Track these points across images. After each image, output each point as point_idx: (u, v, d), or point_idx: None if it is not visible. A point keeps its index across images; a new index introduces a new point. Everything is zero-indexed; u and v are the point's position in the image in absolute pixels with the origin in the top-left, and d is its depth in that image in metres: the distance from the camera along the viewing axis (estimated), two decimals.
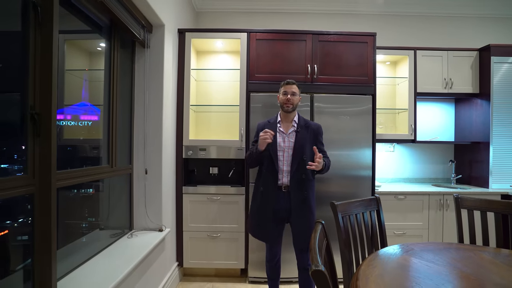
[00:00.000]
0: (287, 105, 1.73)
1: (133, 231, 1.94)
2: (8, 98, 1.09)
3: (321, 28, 2.86)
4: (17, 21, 1.07)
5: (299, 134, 1.73)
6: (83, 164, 1.69)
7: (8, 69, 1.10)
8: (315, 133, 1.77)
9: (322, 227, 1.04)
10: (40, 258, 1.10)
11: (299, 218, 1.72)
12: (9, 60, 1.10)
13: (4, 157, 1.08)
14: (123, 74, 1.86)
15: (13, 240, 1.18)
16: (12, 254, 1.16)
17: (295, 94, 1.74)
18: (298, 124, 1.76)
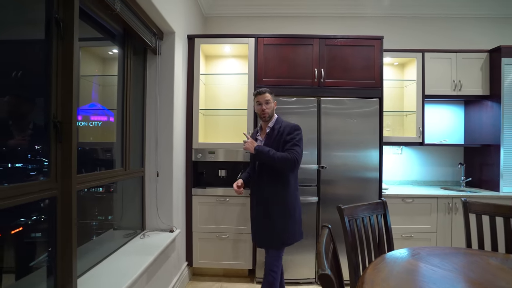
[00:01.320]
0: (263, 115, 1.75)
1: (145, 232, 2.01)
2: (34, 107, 1.16)
3: (328, 31, 2.88)
4: (42, 33, 1.14)
5: (268, 136, 1.75)
6: (97, 167, 1.77)
7: (34, 78, 1.17)
8: (284, 133, 1.71)
9: (328, 231, 1.07)
10: (61, 256, 1.17)
11: (254, 217, 1.79)
12: (34, 69, 1.17)
13: (31, 161, 1.15)
14: (136, 80, 1.93)
15: (36, 238, 1.25)
16: (37, 251, 1.24)
17: (269, 102, 1.76)
18: (272, 128, 1.77)
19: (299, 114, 2.25)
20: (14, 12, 1.13)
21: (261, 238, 1.75)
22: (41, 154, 1.15)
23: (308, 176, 2.25)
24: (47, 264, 1.20)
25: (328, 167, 2.25)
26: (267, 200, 1.72)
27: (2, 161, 1.07)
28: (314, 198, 2.25)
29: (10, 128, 1.11)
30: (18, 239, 1.23)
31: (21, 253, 1.24)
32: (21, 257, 1.26)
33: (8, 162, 1.10)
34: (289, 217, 1.71)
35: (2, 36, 1.09)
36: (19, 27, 1.16)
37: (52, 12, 1.13)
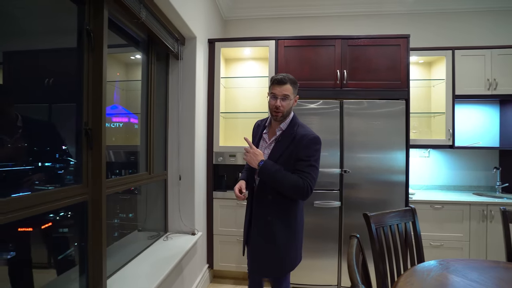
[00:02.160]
0: (276, 113, 1.34)
1: (168, 234, 2.05)
2: (68, 116, 1.22)
3: (349, 30, 2.80)
4: (75, 43, 1.20)
5: (278, 144, 1.36)
6: (122, 170, 1.82)
7: (68, 86, 1.22)
8: (297, 145, 1.31)
9: (357, 241, 1.03)
10: (92, 257, 1.22)
11: (255, 241, 1.41)
12: (69, 78, 1.22)
13: (65, 167, 1.20)
14: (159, 85, 1.97)
15: (69, 240, 1.31)
16: (70, 252, 1.30)
17: (287, 97, 1.32)
18: (283, 133, 1.37)
19: (320, 114, 2.21)
20: (49, 23, 1.19)
21: (262, 267, 1.40)
22: (74, 159, 1.20)
23: (330, 179, 2.20)
24: (79, 264, 1.25)
25: (351, 170, 2.18)
26: (271, 221, 1.35)
27: (41, 167, 1.13)
28: (336, 203, 2.19)
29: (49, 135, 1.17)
30: (53, 239, 1.29)
31: (56, 253, 1.30)
32: (56, 256, 1.32)
33: (46, 168, 1.16)
34: (294, 240, 1.40)
35: (41, 45, 1.15)
36: (54, 36, 1.22)
37: (84, 23, 1.18)
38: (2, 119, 1.06)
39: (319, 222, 2.21)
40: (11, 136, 1.08)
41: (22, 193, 1.02)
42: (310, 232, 2.21)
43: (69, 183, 1.18)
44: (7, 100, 1.08)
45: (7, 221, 0.85)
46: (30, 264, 1.19)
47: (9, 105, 1.09)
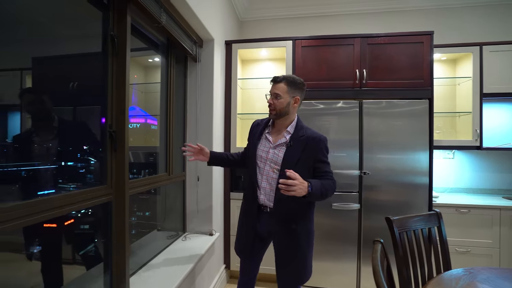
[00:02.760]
0: (270, 110, 1.37)
1: (186, 234, 2.08)
2: (93, 118, 1.27)
3: (368, 29, 2.73)
4: (100, 48, 1.24)
5: (291, 149, 1.33)
6: (141, 170, 1.87)
7: (93, 89, 1.27)
8: (312, 149, 1.33)
9: (381, 246, 1.00)
10: (116, 255, 1.25)
11: (282, 253, 1.37)
12: (95, 82, 1.27)
13: (92, 168, 1.25)
14: (177, 87, 2.01)
15: (95, 238, 1.36)
16: (95, 250, 1.35)
17: (279, 96, 1.33)
18: (292, 136, 1.36)
19: (338, 114, 2.16)
20: (76, 29, 1.24)
21: (284, 274, 1.39)
22: (99, 161, 1.25)
23: (348, 181, 2.15)
24: (104, 261, 1.29)
25: (371, 172, 2.12)
26: (297, 229, 1.34)
27: (69, 168, 1.18)
28: (355, 205, 2.14)
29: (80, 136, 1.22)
30: (80, 237, 1.34)
31: (83, 250, 1.35)
32: (83, 253, 1.37)
33: (73, 169, 1.21)
34: (312, 246, 1.42)
35: (68, 50, 1.20)
36: (80, 42, 1.27)
37: (108, 29, 1.22)
38: (42, 120, 1.13)
39: (337, 224, 2.17)
40: (48, 137, 1.14)
41: (50, 191, 1.06)
42: (328, 234, 2.18)
43: (96, 184, 1.23)
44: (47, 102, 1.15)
45: (37, 221, 0.89)
46: (60, 260, 1.25)
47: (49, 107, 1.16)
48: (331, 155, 2.15)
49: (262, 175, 1.38)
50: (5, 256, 1.22)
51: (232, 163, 1.62)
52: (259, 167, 1.40)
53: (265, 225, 1.40)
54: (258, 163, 1.40)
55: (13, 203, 0.83)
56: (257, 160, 1.40)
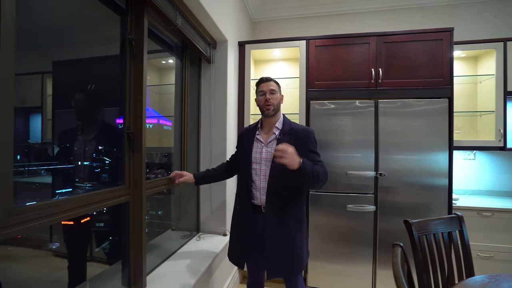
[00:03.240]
0: (267, 107, 1.39)
1: (200, 234, 2.10)
2: (110, 120, 1.30)
3: (384, 26, 2.67)
4: (118, 51, 1.27)
5: (281, 142, 1.34)
6: (156, 170, 1.90)
7: (112, 92, 1.30)
8: (302, 140, 1.37)
9: (401, 251, 0.97)
10: (134, 255, 1.28)
11: (273, 243, 1.36)
12: (113, 83, 1.30)
13: (111, 169, 1.28)
14: (192, 88, 2.03)
15: (114, 237, 1.39)
16: (114, 248, 1.38)
17: (275, 92, 1.40)
18: (281, 131, 1.41)
19: (353, 114, 2.12)
20: (96, 33, 1.27)
21: (284, 265, 1.38)
22: (117, 162, 1.27)
23: (364, 182, 2.11)
24: (122, 259, 1.32)
25: (387, 173, 2.07)
26: (287, 220, 1.37)
27: (91, 169, 1.21)
28: (371, 207, 2.10)
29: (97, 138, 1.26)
30: (100, 235, 1.38)
31: (102, 248, 1.39)
32: (103, 251, 1.41)
33: (94, 171, 1.24)
34: (306, 235, 1.46)
35: (88, 53, 1.24)
36: (100, 46, 1.30)
37: (126, 33, 1.25)
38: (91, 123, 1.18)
39: (352, 226, 2.13)
40: (88, 138, 1.19)
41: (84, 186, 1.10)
42: (343, 236, 2.14)
43: (116, 184, 1.26)
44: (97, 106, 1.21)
45: (65, 219, 0.92)
46: (85, 257, 1.29)
47: (98, 111, 1.22)
48: (345, 156, 2.14)
49: (260, 176, 1.40)
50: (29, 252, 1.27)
51: (218, 177, 1.68)
52: (254, 168, 1.42)
53: (261, 224, 1.40)
54: (254, 165, 1.42)
55: (40, 203, 0.86)
56: (253, 162, 1.42)
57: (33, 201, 0.92)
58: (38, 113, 1.18)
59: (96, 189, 1.15)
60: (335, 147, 2.15)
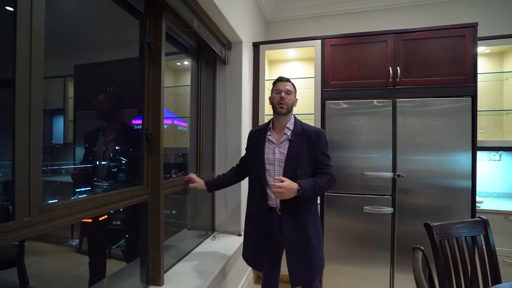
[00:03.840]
0: (281, 105, 1.40)
1: (215, 234, 2.12)
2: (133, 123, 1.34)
3: (402, 24, 2.59)
4: (137, 54, 1.31)
5: (293, 143, 1.37)
6: (171, 170, 1.94)
7: (132, 94, 1.35)
8: (313, 141, 1.38)
9: (422, 254, 0.94)
10: (152, 253, 1.31)
11: (293, 249, 1.36)
12: (133, 85, 1.34)
13: (130, 170, 1.32)
14: (207, 89, 2.05)
15: (132, 235, 1.43)
16: (133, 247, 1.42)
17: (290, 93, 1.42)
18: (293, 132, 1.41)
19: (370, 114, 2.07)
20: (116, 37, 1.32)
21: (301, 275, 1.37)
22: (136, 162, 1.31)
23: (380, 183, 2.06)
24: (140, 257, 1.36)
25: (405, 174, 2.01)
26: (303, 218, 1.36)
27: (111, 168, 1.26)
28: (388, 209, 2.04)
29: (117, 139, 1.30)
30: (120, 234, 1.43)
31: (122, 245, 1.43)
32: (122, 250, 1.45)
33: (113, 170, 1.28)
34: (322, 240, 1.46)
35: (110, 57, 1.28)
36: (120, 49, 1.34)
37: (145, 36, 1.28)
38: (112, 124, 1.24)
39: (369, 228, 2.08)
40: (109, 138, 1.24)
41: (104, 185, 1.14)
42: (359, 238, 2.10)
43: (135, 183, 1.29)
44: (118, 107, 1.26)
45: (88, 217, 0.96)
46: (105, 254, 1.34)
47: (118, 112, 1.27)
48: (361, 156, 2.10)
49: (274, 177, 1.39)
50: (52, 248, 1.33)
51: (230, 183, 1.68)
52: (268, 170, 1.41)
53: (277, 226, 1.40)
54: (267, 166, 1.41)
55: (66, 201, 0.90)
56: (265, 163, 1.41)
57: (54, 199, 0.98)
58: (61, 114, 1.24)
59: (115, 188, 1.19)
60: (351, 147, 2.11)
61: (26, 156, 0.75)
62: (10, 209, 0.76)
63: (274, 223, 1.40)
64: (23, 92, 0.74)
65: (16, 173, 0.74)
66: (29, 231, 0.77)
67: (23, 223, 0.76)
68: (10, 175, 0.93)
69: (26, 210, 0.77)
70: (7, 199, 0.85)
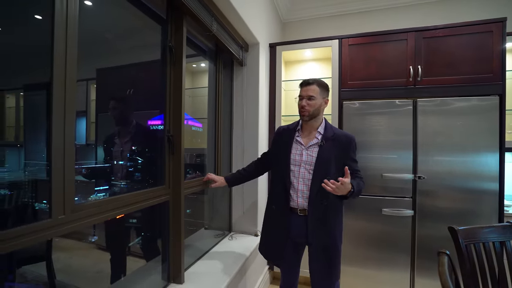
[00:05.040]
0: (302, 113, 1.38)
1: (232, 234, 2.14)
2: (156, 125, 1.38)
3: (423, 21, 2.51)
4: (159, 58, 1.35)
5: (323, 148, 1.35)
6: (190, 171, 1.98)
7: (155, 96, 1.39)
8: (344, 147, 1.38)
9: (448, 259, 0.92)
10: (173, 251, 1.35)
11: (318, 253, 1.38)
12: (156, 88, 1.39)
13: (152, 170, 1.37)
14: (225, 91, 2.08)
15: (154, 234, 1.48)
16: (155, 245, 1.47)
17: (313, 98, 1.36)
18: (324, 136, 1.38)
19: (389, 114, 2.03)
20: (139, 42, 1.37)
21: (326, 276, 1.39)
22: (158, 163, 1.35)
23: (400, 185, 2.01)
24: (162, 255, 1.40)
25: (426, 176, 1.95)
26: (330, 222, 1.37)
27: (134, 170, 1.31)
28: (409, 212, 1.99)
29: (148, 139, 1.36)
30: (142, 232, 1.47)
31: (144, 244, 1.48)
32: (144, 248, 1.50)
33: (136, 171, 1.33)
34: (342, 239, 1.46)
35: (133, 60, 1.34)
36: (143, 53, 1.39)
37: (167, 41, 1.32)
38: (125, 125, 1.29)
39: (387, 231, 2.04)
40: (124, 140, 1.30)
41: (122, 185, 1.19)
42: (377, 241, 2.06)
43: (157, 184, 1.34)
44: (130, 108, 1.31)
45: (114, 216, 1.00)
46: (125, 252, 1.39)
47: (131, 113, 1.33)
48: (380, 157, 2.06)
49: (298, 178, 1.38)
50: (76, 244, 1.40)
51: (250, 177, 1.68)
52: (292, 170, 1.40)
53: (300, 228, 1.39)
54: (292, 167, 1.40)
55: (94, 201, 0.95)
56: (291, 164, 1.40)
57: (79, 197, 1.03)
58: (83, 116, 1.30)
59: (138, 188, 1.23)
60: (370, 148, 2.07)
61: (61, 156, 0.80)
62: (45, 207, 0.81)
63: (296, 225, 1.39)
64: (59, 96, 0.79)
65: (53, 172, 0.79)
66: (63, 229, 0.82)
67: (58, 221, 0.80)
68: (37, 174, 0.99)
69: (61, 208, 0.81)
70: (39, 198, 0.91)
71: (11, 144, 1.05)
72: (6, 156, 1.06)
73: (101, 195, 1.25)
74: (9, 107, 1.07)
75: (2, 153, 1.05)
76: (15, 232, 0.69)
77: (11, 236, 0.68)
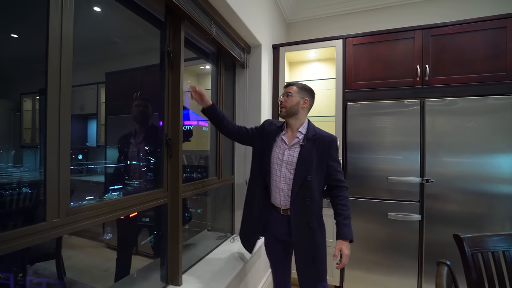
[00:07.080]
0: (280, 109, 1.43)
1: (234, 236, 2.14)
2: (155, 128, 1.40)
3: (431, 18, 2.42)
4: (158, 62, 1.37)
5: (304, 148, 1.36)
6: (192, 172, 1.99)
7: (155, 101, 1.41)
8: (326, 147, 1.37)
9: (448, 269, 0.87)
10: (171, 254, 1.36)
11: (302, 256, 1.39)
12: (155, 93, 1.41)
13: (152, 173, 1.38)
14: (227, 93, 2.08)
15: (152, 235, 1.50)
16: (154, 246, 1.49)
17: (291, 94, 1.39)
18: (305, 136, 1.39)
19: (395, 114, 1.97)
20: (140, 46, 1.39)
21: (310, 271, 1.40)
22: (157, 167, 1.37)
23: (407, 188, 1.95)
24: (160, 257, 1.42)
25: (434, 179, 1.88)
26: (312, 221, 1.36)
27: (133, 173, 1.33)
28: (416, 216, 1.93)
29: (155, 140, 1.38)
30: (142, 234, 1.50)
31: (143, 245, 1.50)
32: (144, 248, 1.52)
33: (137, 174, 1.35)
34: (325, 239, 1.45)
35: (134, 64, 1.36)
36: (143, 57, 1.41)
37: (165, 45, 1.33)
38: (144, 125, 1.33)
39: (394, 235, 1.98)
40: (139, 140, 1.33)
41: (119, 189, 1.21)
42: (383, 246, 2.01)
43: (156, 186, 1.35)
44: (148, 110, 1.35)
45: (112, 219, 1.02)
46: (131, 252, 1.42)
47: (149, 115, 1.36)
48: (386, 158, 2.01)
49: (280, 177, 1.39)
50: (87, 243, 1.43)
51: (226, 129, 1.52)
52: (274, 169, 1.41)
53: (284, 228, 1.40)
54: (274, 166, 1.41)
55: (90, 204, 0.97)
56: (273, 162, 1.42)
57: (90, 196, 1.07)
58: (94, 119, 1.34)
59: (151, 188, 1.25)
60: (375, 149, 2.02)
61: (56, 161, 0.82)
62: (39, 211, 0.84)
63: (279, 224, 1.41)
64: (54, 99, 0.81)
65: (47, 176, 0.81)
66: (57, 232, 0.84)
67: (53, 224, 0.82)
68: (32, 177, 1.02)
69: (55, 211, 0.83)
70: (36, 201, 0.94)
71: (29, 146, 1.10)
72: (24, 156, 1.10)
73: (115, 194, 1.28)
74: (26, 111, 1.12)
75: (20, 153, 1.10)
76: (9, 235, 0.71)
77: (6, 239, 0.70)
